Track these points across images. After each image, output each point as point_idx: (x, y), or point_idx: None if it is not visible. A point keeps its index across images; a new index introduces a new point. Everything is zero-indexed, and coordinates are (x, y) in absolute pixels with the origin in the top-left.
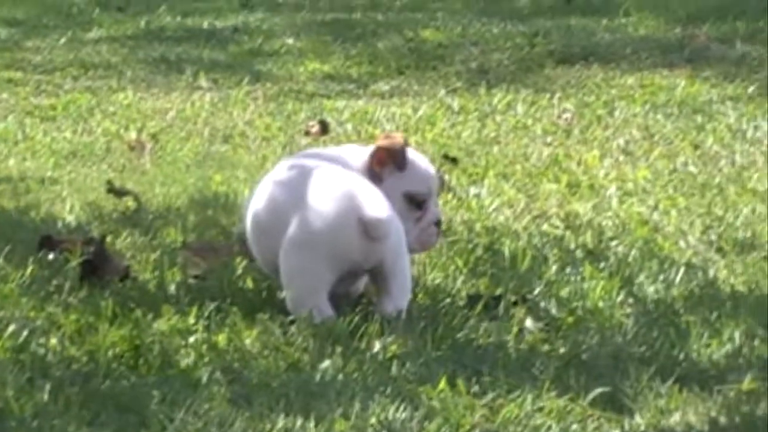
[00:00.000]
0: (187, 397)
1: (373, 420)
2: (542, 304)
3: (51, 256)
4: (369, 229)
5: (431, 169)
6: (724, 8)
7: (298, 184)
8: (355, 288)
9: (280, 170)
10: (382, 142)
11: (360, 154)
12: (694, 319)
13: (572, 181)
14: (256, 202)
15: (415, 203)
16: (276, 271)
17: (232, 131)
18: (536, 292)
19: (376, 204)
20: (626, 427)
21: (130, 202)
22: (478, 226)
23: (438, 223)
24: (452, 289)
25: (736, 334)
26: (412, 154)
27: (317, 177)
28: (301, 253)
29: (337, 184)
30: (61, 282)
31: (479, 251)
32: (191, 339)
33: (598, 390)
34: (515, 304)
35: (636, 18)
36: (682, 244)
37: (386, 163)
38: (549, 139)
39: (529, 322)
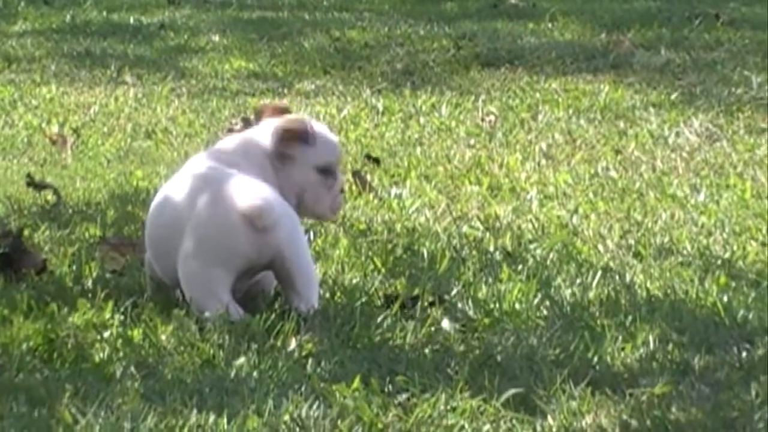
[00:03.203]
0: (100, 391)
1: (286, 417)
2: (459, 305)
3: None
4: (253, 220)
5: (334, 137)
6: (648, 15)
7: (184, 194)
8: (260, 287)
9: (170, 184)
10: (284, 123)
11: (260, 139)
12: (609, 322)
13: (494, 183)
14: (153, 218)
15: (327, 173)
16: (177, 283)
17: (155, 127)
18: (453, 293)
19: (256, 195)
20: (538, 428)
21: (49, 196)
22: (398, 227)
23: (342, 189)
24: (370, 288)
25: (651, 338)
26: (316, 126)
27: (200, 183)
28: (195, 260)
29: (216, 185)
30: None
31: (398, 251)
32: (106, 333)
33: (512, 391)
34: (432, 304)
35: (561, 23)
36: (600, 248)
37: (294, 142)
38: (472, 141)
39: (445, 323)
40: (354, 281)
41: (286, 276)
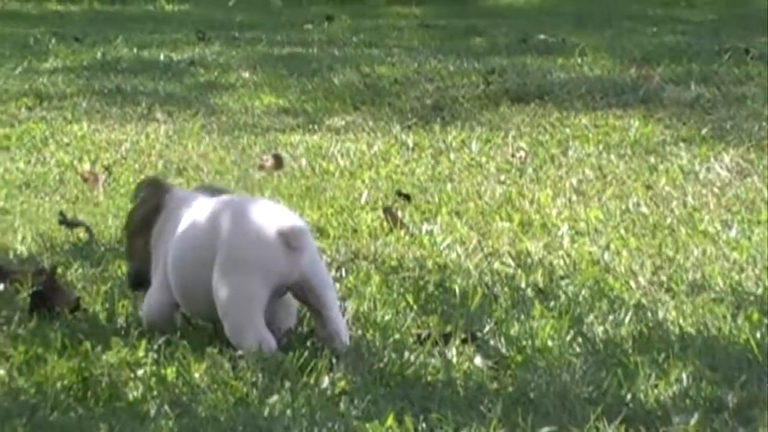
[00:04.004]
0: (135, 430)
1: None
2: (491, 342)
3: (1, 287)
4: (289, 239)
5: None
6: (678, 50)
7: (207, 221)
8: (276, 325)
9: (190, 216)
10: None
11: None
12: (642, 359)
13: (525, 219)
14: (177, 251)
15: None
16: (210, 315)
17: (186, 164)
18: (486, 330)
19: (289, 216)
20: None
21: (81, 234)
22: (429, 263)
23: None
24: (402, 325)
25: (684, 375)
26: None
27: (222, 208)
28: (232, 277)
29: (244, 206)
30: (10, 313)
31: (430, 288)
32: (140, 372)
33: (545, 429)
34: (464, 341)
35: (591, 58)
36: (632, 284)
37: None
38: (503, 177)
39: (478, 360)
40: (386, 318)
41: (313, 296)
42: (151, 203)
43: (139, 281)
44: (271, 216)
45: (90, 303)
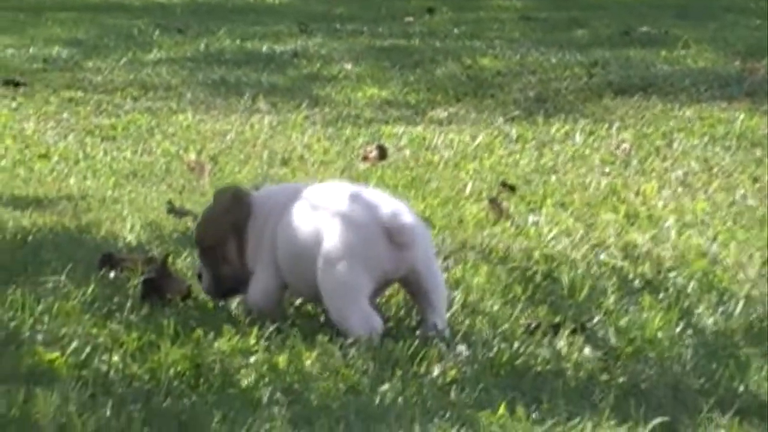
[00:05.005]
0: (248, 416)
1: None
2: (601, 333)
3: (112, 275)
4: (394, 236)
5: None
6: None
7: (323, 204)
8: None
9: (303, 199)
10: None
11: None
12: (754, 351)
13: (630, 211)
14: (286, 232)
15: None
16: (316, 295)
17: (291, 155)
18: (595, 321)
19: (398, 211)
20: None
21: (189, 223)
22: (536, 254)
23: None
24: (511, 315)
25: None
26: None
27: (339, 195)
28: (337, 265)
29: (358, 196)
30: (122, 300)
31: (538, 279)
32: (252, 359)
33: (658, 420)
34: (574, 332)
35: (695, 50)
36: (741, 276)
37: None
38: (607, 169)
39: (587, 351)
40: (495, 308)
41: (420, 291)
42: (238, 211)
43: (230, 287)
44: (380, 210)
45: (200, 291)
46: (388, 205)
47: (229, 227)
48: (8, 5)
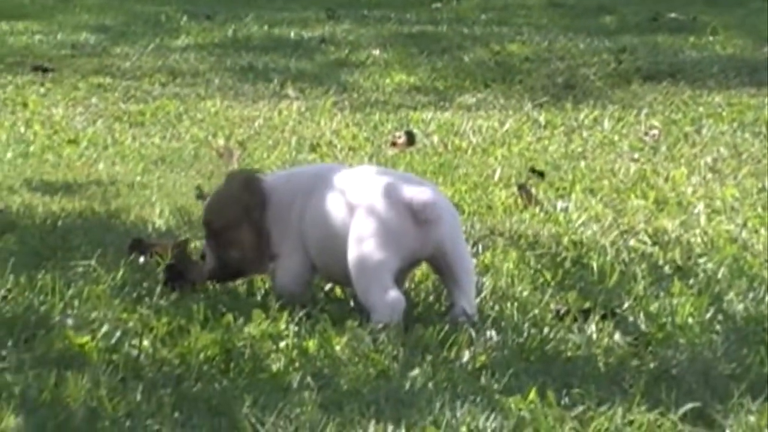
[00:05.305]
0: (278, 401)
1: (463, 429)
2: (631, 318)
3: (141, 260)
4: (418, 213)
5: None
6: None
7: (350, 186)
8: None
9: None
10: None
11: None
12: None
13: (660, 197)
14: (315, 214)
15: None
16: (347, 278)
17: (319, 140)
18: (625, 306)
19: (421, 189)
20: None
21: None
22: (565, 240)
23: None
24: (540, 301)
25: None
26: None
27: (367, 175)
28: (364, 243)
29: (386, 177)
30: (152, 285)
31: (567, 265)
32: (282, 344)
33: (689, 405)
34: (604, 318)
35: (723, 37)
36: None
37: None
38: (636, 155)
39: (617, 337)
40: (524, 294)
41: (448, 270)
42: (250, 195)
43: (234, 271)
44: (405, 189)
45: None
46: (413, 183)
47: (239, 211)
48: None
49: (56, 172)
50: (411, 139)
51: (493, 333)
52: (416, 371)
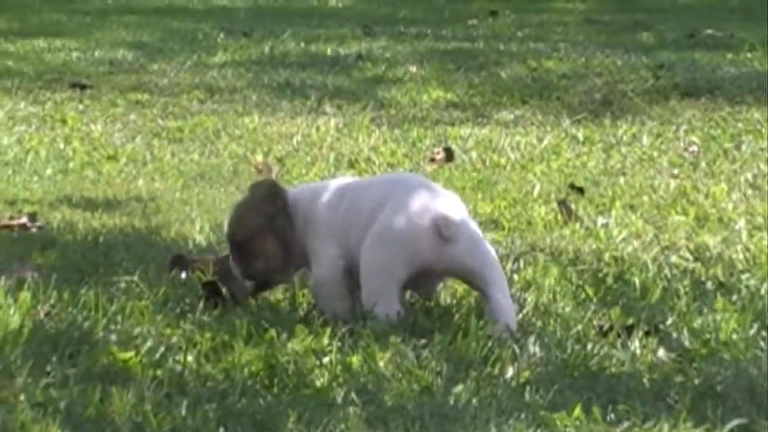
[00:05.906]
0: (323, 416)
1: None
2: (674, 335)
3: (183, 276)
4: (440, 228)
5: None
6: None
7: (381, 187)
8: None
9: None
10: None
11: None
12: None
13: (700, 213)
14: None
15: None
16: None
17: (358, 156)
18: (668, 322)
19: (450, 207)
20: None
21: None
22: (606, 256)
23: None
24: (583, 317)
25: None
26: None
27: (398, 183)
28: (379, 247)
29: (415, 187)
30: (194, 301)
31: (609, 281)
32: (325, 359)
33: (735, 422)
34: (647, 334)
35: (761, 53)
36: None
37: None
38: (675, 171)
39: (661, 353)
40: (567, 310)
41: (480, 289)
42: (273, 205)
43: (260, 283)
44: (432, 202)
45: (271, 292)
46: (443, 198)
47: (263, 221)
48: (74, 9)
49: (96, 188)
50: (449, 155)
51: (537, 349)
52: (460, 387)
